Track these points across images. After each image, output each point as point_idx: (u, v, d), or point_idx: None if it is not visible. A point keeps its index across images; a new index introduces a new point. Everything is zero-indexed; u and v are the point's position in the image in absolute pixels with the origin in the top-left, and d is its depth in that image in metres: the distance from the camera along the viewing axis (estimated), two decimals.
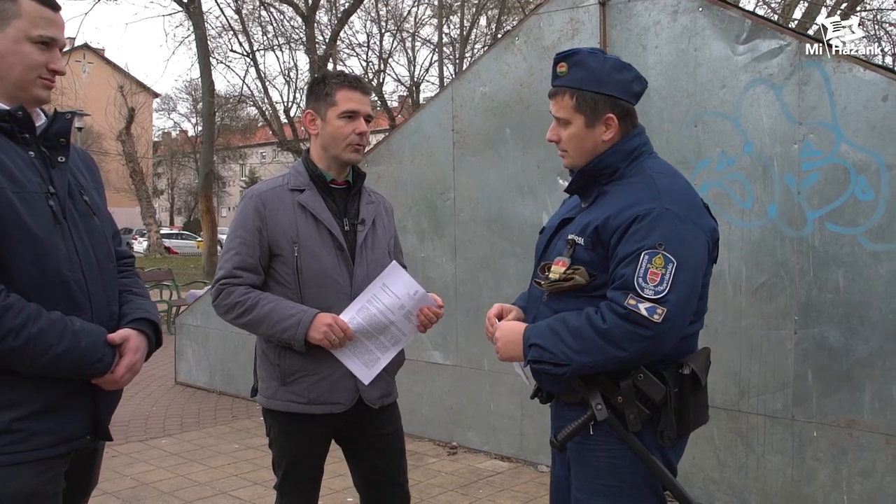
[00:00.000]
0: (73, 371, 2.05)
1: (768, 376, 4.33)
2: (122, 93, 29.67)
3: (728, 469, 4.49)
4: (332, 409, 2.85)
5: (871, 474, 4.04)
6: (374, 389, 2.90)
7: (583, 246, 2.35)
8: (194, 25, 20.68)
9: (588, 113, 2.44)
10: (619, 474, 2.36)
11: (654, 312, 2.16)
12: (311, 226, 2.83)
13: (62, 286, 2.06)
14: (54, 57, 2.12)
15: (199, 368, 8.12)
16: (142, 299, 2.36)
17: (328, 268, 2.82)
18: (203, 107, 22.00)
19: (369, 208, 2.98)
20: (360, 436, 2.98)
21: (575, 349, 2.25)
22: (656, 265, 2.19)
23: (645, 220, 2.24)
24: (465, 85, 5.72)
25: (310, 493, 3.02)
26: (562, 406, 2.54)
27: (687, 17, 4.59)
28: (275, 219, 2.82)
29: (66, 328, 2.01)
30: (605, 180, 2.43)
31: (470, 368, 5.70)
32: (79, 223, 2.14)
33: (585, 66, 2.45)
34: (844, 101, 4.06)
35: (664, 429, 2.33)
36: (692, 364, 2.35)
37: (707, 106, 4.52)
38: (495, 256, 5.56)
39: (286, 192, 2.87)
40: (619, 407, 2.31)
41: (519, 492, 5.00)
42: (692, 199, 2.36)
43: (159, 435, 6.45)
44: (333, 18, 26.94)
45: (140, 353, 2.22)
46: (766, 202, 4.32)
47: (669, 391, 2.30)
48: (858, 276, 4.03)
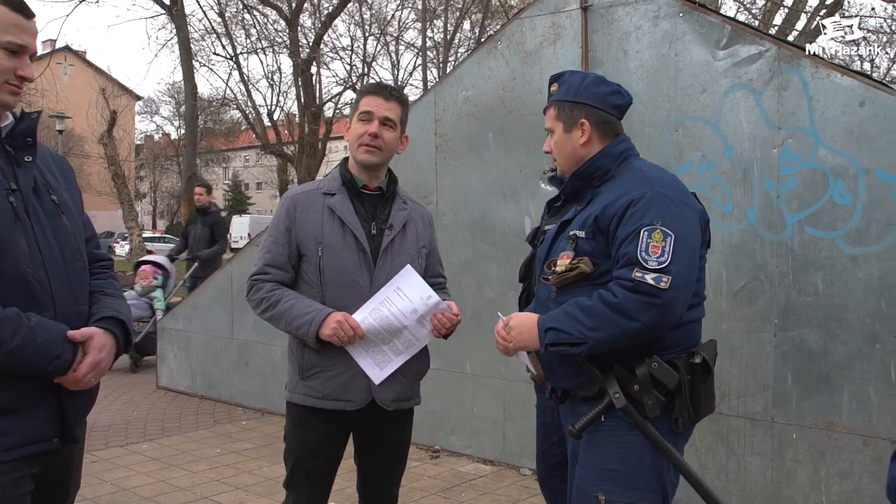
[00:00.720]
0: (27, 367, 2.00)
1: (748, 379, 4.36)
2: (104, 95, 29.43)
3: (709, 471, 4.52)
4: (344, 405, 2.92)
5: (850, 475, 4.07)
6: (387, 391, 2.95)
7: (584, 238, 2.51)
8: (177, 28, 20.61)
9: (566, 120, 2.67)
10: (628, 462, 2.47)
11: (660, 281, 2.31)
12: (336, 228, 2.93)
13: (21, 282, 2.02)
14: (23, 63, 2.10)
15: (181, 373, 8.08)
16: (112, 299, 2.32)
17: (349, 269, 2.91)
18: (186, 110, 21.92)
19: (400, 214, 3.03)
20: (372, 437, 3.06)
21: (590, 326, 2.37)
22: (656, 239, 2.35)
23: (640, 203, 2.42)
24: (448, 89, 5.73)
25: (316, 491, 3.04)
26: (578, 403, 2.63)
27: (668, 23, 4.62)
28: (304, 220, 2.95)
29: (21, 323, 1.97)
30: (598, 182, 2.62)
31: (452, 372, 5.70)
32: (43, 221, 2.12)
33: (568, 83, 2.70)
34: (822, 107, 4.10)
35: (679, 416, 2.47)
36: (703, 353, 2.50)
37: (688, 110, 4.56)
38: (478, 260, 5.57)
39: (319, 195, 2.99)
40: (635, 395, 2.45)
41: (501, 495, 5.01)
42: (679, 185, 2.58)
43: (140, 440, 6.41)
44: (317, 22, 26.92)
45: (105, 351, 2.17)
46: (745, 206, 4.35)
47: (683, 378, 2.44)
48: (837, 280, 4.07)
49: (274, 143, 27.93)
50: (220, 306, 7.57)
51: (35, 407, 2.06)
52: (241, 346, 7.37)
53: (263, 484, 5.26)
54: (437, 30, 30.74)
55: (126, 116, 40.48)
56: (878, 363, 3.96)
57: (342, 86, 31.10)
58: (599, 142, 2.65)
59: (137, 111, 51.00)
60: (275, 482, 5.24)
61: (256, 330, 7.19)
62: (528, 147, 5.25)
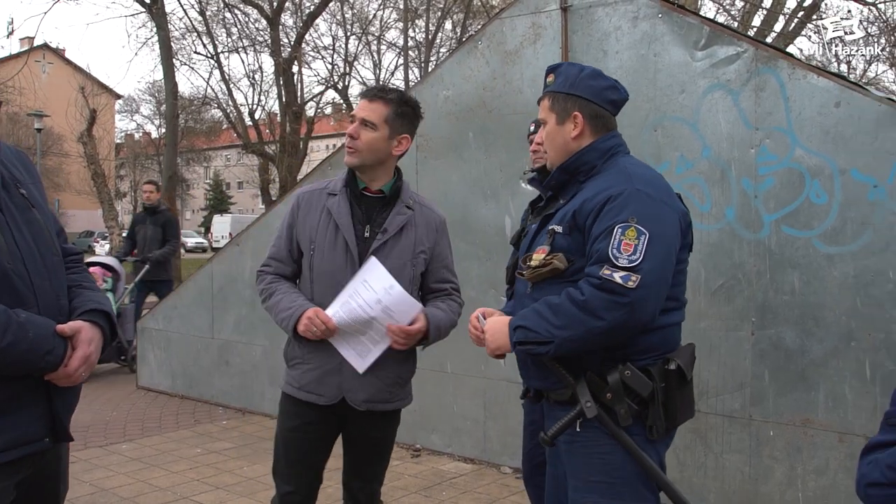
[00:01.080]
0: (21, 365, 1.96)
1: (726, 377, 4.40)
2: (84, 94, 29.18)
3: (687, 468, 4.55)
4: (316, 399, 3.00)
5: (825, 472, 4.12)
6: (359, 392, 2.97)
7: (561, 233, 2.47)
8: (157, 27, 20.47)
9: (559, 111, 2.61)
10: (611, 471, 2.42)
11: (628, 280, 2.26)
12: (330, 229, 2.99)
13: (2, 278, 1.97)
14: None
15: (161, 372, 8.05)
16: (92, 292, 2.28)
17: (335, 269, 2.96)
18: (166, 109, 21.78)
19: (398, 219, 3.02)
20: (351, 434, 3.11)
21: (556, 325, 2.33)
22: (629, 237, 2.30)
23: (618, 200, 2.37)
24: (429, 89, 5.75)
25: (298, 480, 3.08)
26: (552, 406, 2.59)
27: (647, 24, 4.66)
28: (304, 219, 3.04)
29: (10, 320, 1.91)
30: (583, 177, 2.56)
31: (433, 371, 5.71)
32: (16, 215, 2.07)
33: (564, 74, 2.63)
34: (799, 107, 4.15)
35: (653, 423, 2.40)
36: (678, 359, 2.44)
37: (666, 111, 4.59)
38: (458, 259, 5.52)
39: (323, 195, 3.05)
40: (608, 403, 2.39)
41: (482, 493, 5.03)
42: (663, 184, 2.52)
43: (120, 440, 6.38)
44: (298, 21, 26.81)
45: (94, 344, 2.13)
46: (723, 205, 4.39)
47: (656, 386, 2.38)
48: (813, 278, 4.11)
49: (255, 143, 27.79)
50: (200, 306, 7.54)
51: (25, 407, 2.01)
52: (222, 346, 7.35)
53: (244, 483, 5.25)
54: (419, 29, 30.71)
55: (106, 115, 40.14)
56: (854, 361, 4.01)
57: (324, 85, 31.00)
58: (591, 136, 2.58)
59: (118, 110, 50.58)
60: (255, 481, 5.24)
61: (237, 329, 7.18)
62: (509, 147, 5.28)
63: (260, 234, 6.99)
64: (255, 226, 7.23)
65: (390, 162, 3.04)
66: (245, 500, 4.95)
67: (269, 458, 3.23)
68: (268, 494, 4.89)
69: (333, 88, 30.49)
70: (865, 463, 1.61)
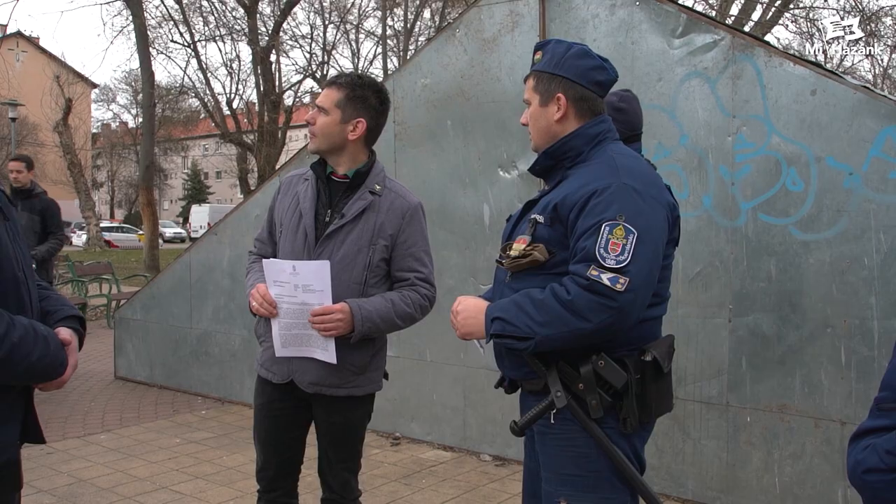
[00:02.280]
0: (42, 377, 2.01)
1: (704, 363, 4.43)
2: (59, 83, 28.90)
3: (666, 455, 4.59)
4: (271, 377, 3.06)
5: (801, 457, 4.16)
6: (305, 373, 2.97)
7: (543, 224, 2.37)
8: (133, 15, 20.27)
9: (542, 92, 2.49)
10: (584, 463, 2.35)
11: (616, 282, 2.16)
12: (295, 212, 3.04)
13: (14, 286, 2.00)
14: None
15: (139, 363, 8.00)
16: (57, 295, 2.33)
17: (293, 252, 3.00)
18: (143, 98, 21.59)
19: (357, 204, 3.00)
20: (316, 418, 3.12)
21: (539, 322, 2.24)
22: (617, 236, 2.20)
23: (604, 195, 2.25)
24: (407, 77, 5.73)
25: (269, 455, 3.12)
26: (525, 395, 2.53)
27: (624, 11, 4.66)
28: (281, 201, 3.14)
29: (37, 334, 1.95)
30: (569, 164, 2.45)
31: (412, 359, 5.72)
32: (14, 222, 2.11)
33: (551, 52, 2.51)
34: (776, 95, 4.17)
35: (626, 416, 2.33)
36: (654, 351, 2.36)
37: (644, 98, 4.58)
38: (437, 247, 5.54)
39: (300, 180, 3.13)
40: (580, 394, 2.31)
41: (462, 481, 5.04)
42: (651, 177, 2.41)
43: (98, 431, 6.34)
44: (276, 9, 26.67)
45: (76, 351, 2.18)
46: (701, 193, 4.41)
47: (631, 378, 2.31)
48: (789, 266, 4.15)
49: (233, 132, 27.66)
50: (178, 296, 7.50)
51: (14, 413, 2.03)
52: (201, 336, 7.31)
53: (223, 473, 5.24)
54: (398, 18, 30.63)
55: (82, 104, 39.83)
56: (830, 347, 4.05)
57: (302, 74, 30.89)
58: (576, 120, 2.45)
59: (94, 99, 50.23)
60: (235, 471, 5.22)
61: (216, 319, 7.15)
62: (487, 135, 5.27)
63: (238, 223, 6.96)
64: (233, 215, 7.18)
65: (352, 147, 3.00)
66: (224, 489, 4.94)
67: (249, 448, 3.24)
68: (247, 484, 4.89)
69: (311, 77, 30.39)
70: (860, 449, 1.57)
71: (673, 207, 2.45)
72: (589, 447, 2.34)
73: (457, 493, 4.86)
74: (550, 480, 2.43)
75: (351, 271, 2.96)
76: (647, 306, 2.32)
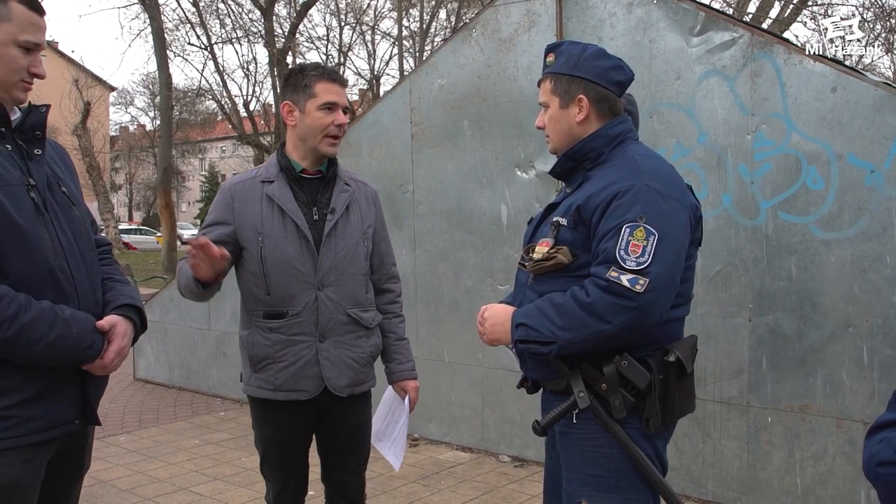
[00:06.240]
0: (65, 358, 2.11)
1: (724, 363, 4.40)
2: (77, 86, 29.13)
3: (686, 455, 4.56)
4: (297, 396, 2.90)
5: (823, 457, 4.12)
6: (340, 378, 2.93)
7: (566, 226, 2.36)
8: (150, 18, 20.41)
9: (562, 94, 2.47)
10: (606, 463, 2.34)
11: (636, 283, 2.16)
12: (276, 216, 2.87)
13: (49, 276, 2.10)
14: (36, 61, 2.16)
15: (159, 364, 8.04)
16: (123, 286, 2.42)
17: (291, 258, 2.86)
18: (161, 101, 21.74)
19: (342, 197, 2.97)
20: (331, 424, 3.04)
21: (560, 326, 2.24)
22: (637, 237, 2.19)
23: (626, 196, 2.25)
24: (423, 77, 5.72)
25: (288, 479, 3.06)
26: (548, 395, 2.53)
27: (642, 10, 4.63)
28: (243, 211, 2.89)
29: (56, 317, 2.06)
30: (590, 165, 2.45)
31: (430, 360, 5.71)
32: (59, 214, 2.19)
33: (566, 54, 2.49)
34: (795, 93, 4.13)
35: (649, 416, 2.32)
36: (677, 351, 2.35)
37: (662, 97, 4.57)
38: (454, 248, 5.57)
39: (257, 183, 2.92)
40: (602, 394, 2.31)
41: (480, 482, 5.03)
42: (674, 178, 2.39)
43: (118, 432, 6.38)
44: (292, 11, 26.77)
45: (127, 338, 2.27)
46: (720, 192, 4.38)
47: (654, 378, 2.30)
48: (810, 264, 4.11)
49: (250, 134, 27.75)
50: None
51: (61, 392, 2.16)
52: (219, 337, 7.34)
53: (242, 474, 5.25)
54: (413, 19, 30.66)
55: (100, 107, 40.06)
56: (851, 346, 4.01)
57: None
58: (597, 120, 2.45)
59: (112, 102, 50.48)
60: (253, 472, 5.23)
61: (234, 320, 7.16)
62: (504, 135, 5.26)
63: None
64: None
65: (304, 137, 2.91)
66: (243, 490, 4.95)
67: None
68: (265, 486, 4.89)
69: None
70: (875, 441, 1.57)
71: (695, 208, 2.43)
72: (611, 447, 2.34)
73: (475, 494, 4.85)
74: (572, 480, 2.42)
75: (357, 264, 2.97)
76: (670, 307, 2.31)
